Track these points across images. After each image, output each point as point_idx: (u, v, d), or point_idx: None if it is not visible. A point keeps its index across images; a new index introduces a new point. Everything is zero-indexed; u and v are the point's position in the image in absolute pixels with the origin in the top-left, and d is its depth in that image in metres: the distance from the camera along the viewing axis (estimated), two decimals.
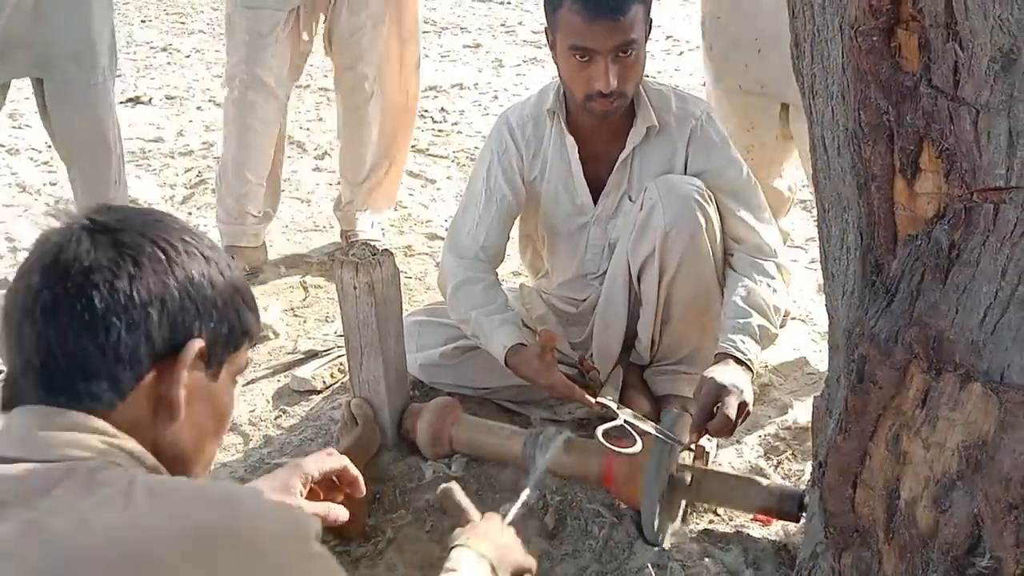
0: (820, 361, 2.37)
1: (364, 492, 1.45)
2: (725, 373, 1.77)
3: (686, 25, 5.61)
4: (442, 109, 4.44)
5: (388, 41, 2.84)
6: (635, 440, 1.74)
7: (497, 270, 2.10)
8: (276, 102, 2.78)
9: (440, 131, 4.20)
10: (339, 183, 3.15)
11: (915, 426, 1.11)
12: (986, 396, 1.03)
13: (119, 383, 0.91)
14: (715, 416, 1.73)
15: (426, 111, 4.34)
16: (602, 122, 1.95)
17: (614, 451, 1.73)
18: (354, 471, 1.41)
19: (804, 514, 1.67)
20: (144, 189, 3.47)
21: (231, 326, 0.99)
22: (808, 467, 1.89)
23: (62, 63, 2.38)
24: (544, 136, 2.03)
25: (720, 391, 1.73)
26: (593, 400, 1.87)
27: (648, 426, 1.78)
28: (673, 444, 1.73)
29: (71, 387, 0.90)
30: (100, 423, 0.90)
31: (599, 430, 1.77)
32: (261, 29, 2.67)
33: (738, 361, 1.80)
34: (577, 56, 1.83)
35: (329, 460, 1.39)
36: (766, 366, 2.37)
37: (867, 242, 1.17)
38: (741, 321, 1.85)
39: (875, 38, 1.05)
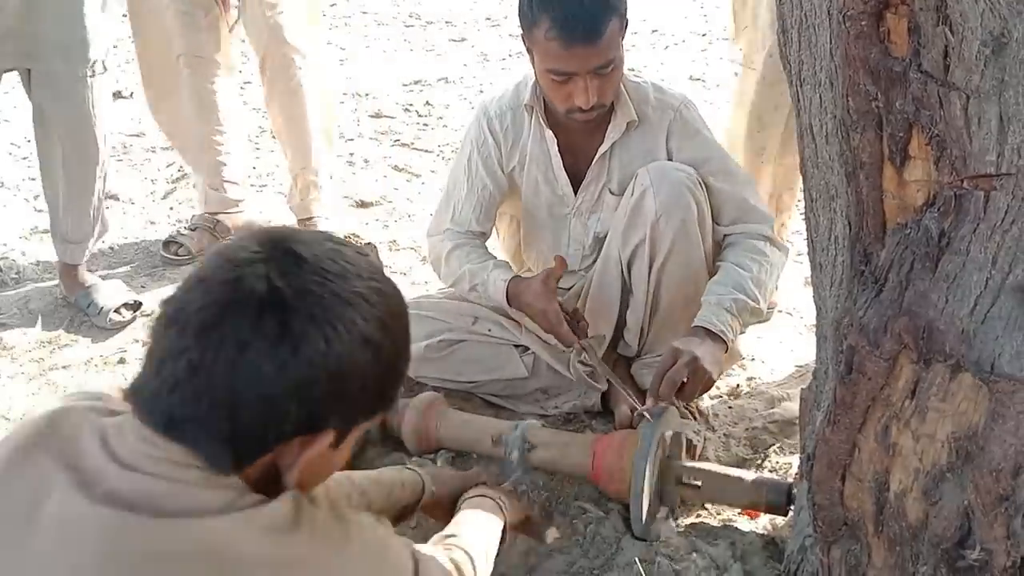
0: (807, 354, 2.36)
1: None
2: (689, 343, 1.79)
3: (672, 17, 5.59)
4: (427, 103, 4.40)
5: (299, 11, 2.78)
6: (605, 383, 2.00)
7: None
8: (223, 69, 2.78)
9: (425, 125, 4.16)
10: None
11: (904, 417, 1.09)
12: (976, 386, 1.02)
13: (236, 455, 0.87)
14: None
15: (411, 105, 4.31)
16: None
17: (586, 380, 2.02)
18: None
19: (792, 507, 1.67)
20: (125, 184, 3.43)
21: (373, 409, 0.95)
22: (796, 460, 1.88)
23: (49, 55, 2.35)
24: (523, 127, 2.04)
25: (675, 355, 1.75)
26: (577, 340, 1.90)
27: (621, 385, 1.94)
28: (659, 440, 1.72)
29: (192, 438, 0.86)
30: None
31: (573, 357, 1.96)
32: (184, 7, 2.67)
33: (711, 335, 1.81)
34: (555, 77, 1.84)
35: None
36: (752, 359, 2.36)
37: (856, 231, 1.16)
38: (715, 297, 1.87)
39: (864, 23, 1.03)
